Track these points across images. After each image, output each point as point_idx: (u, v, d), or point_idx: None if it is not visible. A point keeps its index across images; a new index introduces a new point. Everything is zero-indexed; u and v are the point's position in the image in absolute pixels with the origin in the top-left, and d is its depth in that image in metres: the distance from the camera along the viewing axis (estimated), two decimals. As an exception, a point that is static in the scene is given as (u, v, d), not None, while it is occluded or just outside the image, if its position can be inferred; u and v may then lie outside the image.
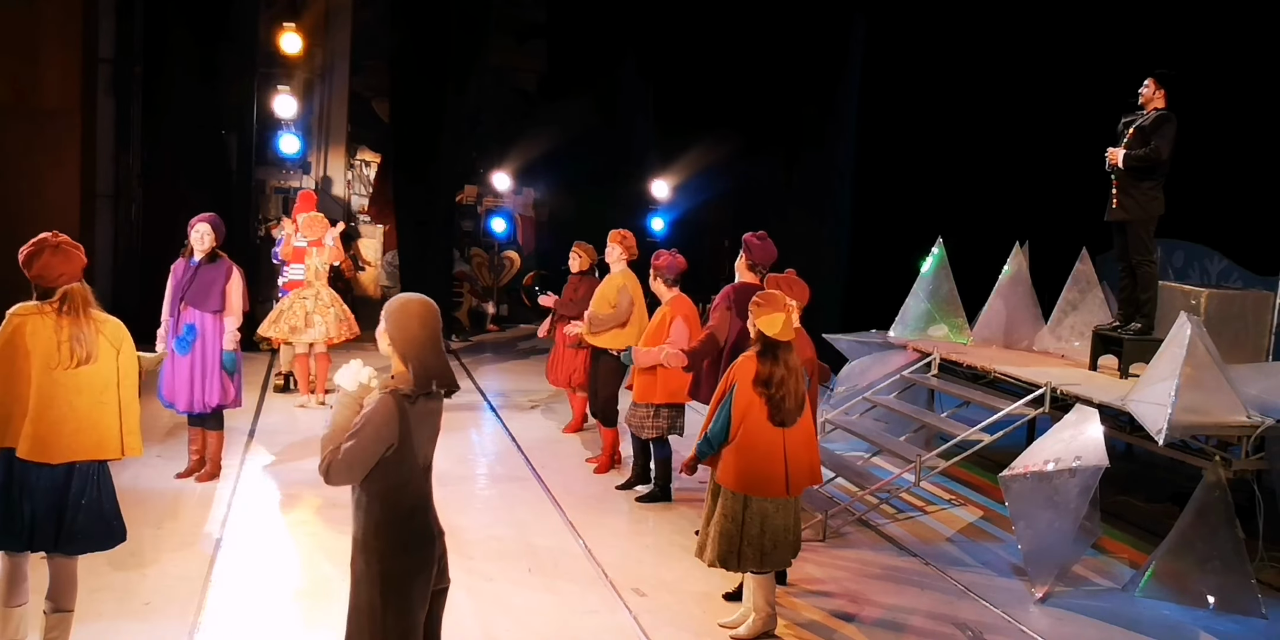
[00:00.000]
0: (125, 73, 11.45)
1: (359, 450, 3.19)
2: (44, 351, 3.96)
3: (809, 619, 5.30)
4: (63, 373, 3.98)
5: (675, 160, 14.02)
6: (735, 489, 4.84)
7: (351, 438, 3.19)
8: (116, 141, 11.48)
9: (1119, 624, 5.46)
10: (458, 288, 14.19)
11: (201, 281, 6.51)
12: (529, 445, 8.33)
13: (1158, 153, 6.58)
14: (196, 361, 6.51)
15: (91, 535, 4.11)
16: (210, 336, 6.54)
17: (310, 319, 8.86)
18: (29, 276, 4.06)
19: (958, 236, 8.59)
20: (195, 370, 6.51)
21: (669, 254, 6.98)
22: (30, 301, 4.05)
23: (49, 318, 3.99)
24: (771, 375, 4.77)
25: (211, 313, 6.53)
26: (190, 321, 6.50)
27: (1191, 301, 6.88)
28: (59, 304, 4.02)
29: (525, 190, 16.18)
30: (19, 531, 3.98)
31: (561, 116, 14.65)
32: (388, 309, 3.32)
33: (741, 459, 4.82)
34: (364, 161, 16.38)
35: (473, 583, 5.44)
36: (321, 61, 14.59)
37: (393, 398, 3.24)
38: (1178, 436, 5.80)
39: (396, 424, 3.22)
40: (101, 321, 4.13)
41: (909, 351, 8.20)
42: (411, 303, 3.35)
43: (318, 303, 8.93)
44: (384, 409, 3.22)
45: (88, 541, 4.12)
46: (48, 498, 3.99)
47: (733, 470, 4.84)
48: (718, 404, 4.91)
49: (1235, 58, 8.21)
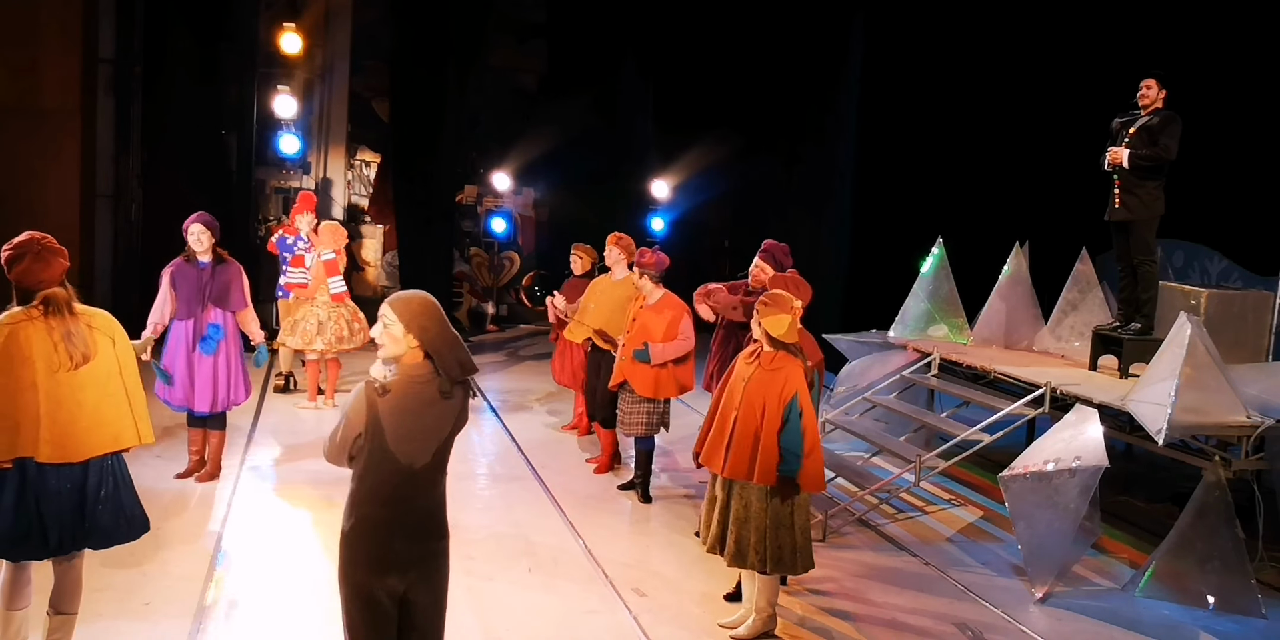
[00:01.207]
0: (125, 73, 11.44)
1: (336, 433, 3.31)
2: (44, 355, 3.93)
3: (809, 619, 5.30)
4: (65, 374, 3.97)
5: (675, 160, 14.02)
6: (818, 491, 4.87)
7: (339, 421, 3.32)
8: (116, 141, 11.48)
9: (1119, 624, 5.46)
10: (458, 288, 14.18)
11: (220, 281, 6.57)
12: (529, 445, 8.33)
13: (1167, 152, 6.58)
14: (221, 362, 6.57)
15: (115, 528, 4.12)
16: (231, 335, 6.62)
17: (323, 327, 8.88)
18: (9, 278, 4.02)
19: (958, 236, 8.59)
20: (220, 370, 6.58)
21: (653, 251, 6.99)
22: (15, 308, 4.01)
23: (38, 322, 3.95)
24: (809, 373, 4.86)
25: (232, 312, 6.62)
26: (215, 322, 6.56)
27: (1191, 301, 6.88)
28: (43, 307, 3.98)
29: (525, 190, 16.18)
30: (39, 540, 3.97)
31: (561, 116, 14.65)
32: (408, 309, 3.29)
33: (818, 461, 4.83)
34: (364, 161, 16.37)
35: (473, 583, 5.45)
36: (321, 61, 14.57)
37: (366, 387, 3.27)
38: (1178, 436, 5.81)
39: (364, 414, 3.25)
40: (90, 315, 4.10)
41: (909, 351, 8.20)
42: (429, 300, 3.36)
43: (334, 312, 8.93)
44: (356, 397, 3.28)
45: (111, 535, 4.12)
46: (71, 498, 3.99)
47: (814, 476, 4.80)
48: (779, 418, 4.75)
49: (1235, 58, 8.21)
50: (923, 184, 10.71)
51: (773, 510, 4.81)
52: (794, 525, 4.84)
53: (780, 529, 4.81)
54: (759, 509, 4.82)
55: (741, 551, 4.84)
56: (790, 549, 4.83)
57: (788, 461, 4.73)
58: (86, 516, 4.03)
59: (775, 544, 4.81)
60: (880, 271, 10.32)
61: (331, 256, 8.95)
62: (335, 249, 8.96)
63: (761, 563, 4.82)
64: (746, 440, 4.80)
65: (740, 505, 4.86)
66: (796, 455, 4.73)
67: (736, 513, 4.86)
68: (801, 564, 4.89)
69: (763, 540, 4.81)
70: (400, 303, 3.31)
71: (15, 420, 3.88)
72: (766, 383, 4.80)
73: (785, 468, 4.74)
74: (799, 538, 4.86)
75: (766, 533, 4.81)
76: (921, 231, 8.85)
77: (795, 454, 4.73)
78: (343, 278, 8.99)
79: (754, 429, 4.79)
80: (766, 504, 4.81)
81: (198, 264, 6.58)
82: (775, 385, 4.77)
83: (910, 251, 8.98)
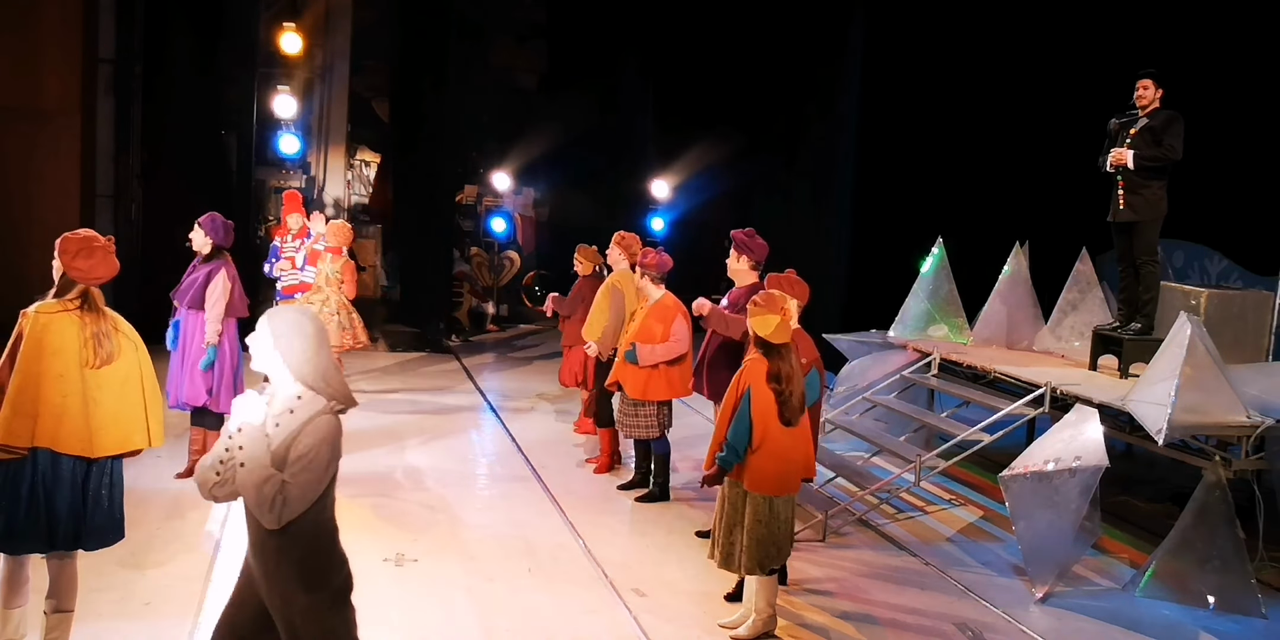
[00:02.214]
0: (125, 73, 11.45)
1: (315, 478, 3.04)
2: (74, 349, 3.98)
3: (809, 619, 5.30)
4: (89, 370, 4.00)
5: (675, 160, 14.03)
6: (768, 493, 4.83)
7: (301, 467, 3.02)
8: (116, 141, 11.48)
9: (1119, 624, 5.46)
10: (458, 288, 14.19)
11: (189, 279, 6.60)
12: (529, 445, 8.33)
13: (1173, 152, 6.57)
14: (177, 360, 6.57)
15: (107, 531, 4.14)
16: (190, 334, 6.57)
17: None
18: (65, 268, 4.05)
19: (958, 236, 8.60)
20: (175, 368, 6.58)
21: (655, 252, 6.99)
22: (50, 300, 4.06)
23: (73, 315, 4.02)
24: (779, 371, 4.78)
25: (193, 310, 6.55)
26: (177, 318, 6.61)
27: (1191, 301, 6.88)
28: (80, 302, 4.05)
29: (525, 190, 16.19)
30: (46, 534, 3.99)
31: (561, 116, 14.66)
32: (292, 330, 3.10)
33: (768, 462, 4.81)
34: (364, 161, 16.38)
35: (473, 583, 5.45)
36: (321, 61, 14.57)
37: (336, 417, 3.12)
38: (1178, 436, 5.80)
39: (340, 443, 3.14)
40: (116, 319, 4.17)
41: (909, 351, 8.19)
42: (312, 322, 3.17)
43: (325, 311, 8.92)
44: (333, 429, 3.09)
45: (104, 537, 4.14)
46: (72, 495, 4.01)
47: (760, 474, 4.81)
48: (731, 412, 4.85)
49: (1235, 58, 8.22)
50: (923, 184, 10.71)
51: (752, 505, 4.84)
52: (769, 520, 4.82)
53: (758, 525, 4.83)
54: (747, 511, 4.86)
55: (731, 554, 4.91)
56: (771, 541, 4.84)
57: (726, 453, 4.81)
58: (85, 517, 4.05)
59: (755, 539, 4.83)
60: (880, 271, 10.32)
61: (319, 248, 8.97)
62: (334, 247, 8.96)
63: (751, 564, 4.85)
64: (719, 438, 4.93)
65: (732, 508, 4.91)
66: (733, 448, 4.79)
67: (729, 516, 4.92)
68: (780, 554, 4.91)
69: (752, 542, 4.83)
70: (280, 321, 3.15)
71: (35, 409, 3.92)
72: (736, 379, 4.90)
73: (721, 459, 4.82)
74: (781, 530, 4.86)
75: (751, 534, 4.84)
76: (921, 231, 8.86)
77: (732, 446, 4.79)
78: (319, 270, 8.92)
79: (724, 426, 4.91)
80: (750, 504, 4.85)
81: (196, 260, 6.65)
82: (738, 380, 4.87)
83: (910, 251, 8.98)
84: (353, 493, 6.69)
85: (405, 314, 13.85)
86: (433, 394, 10.17)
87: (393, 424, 8.78)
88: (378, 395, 9.86)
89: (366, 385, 10.21)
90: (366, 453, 7.77)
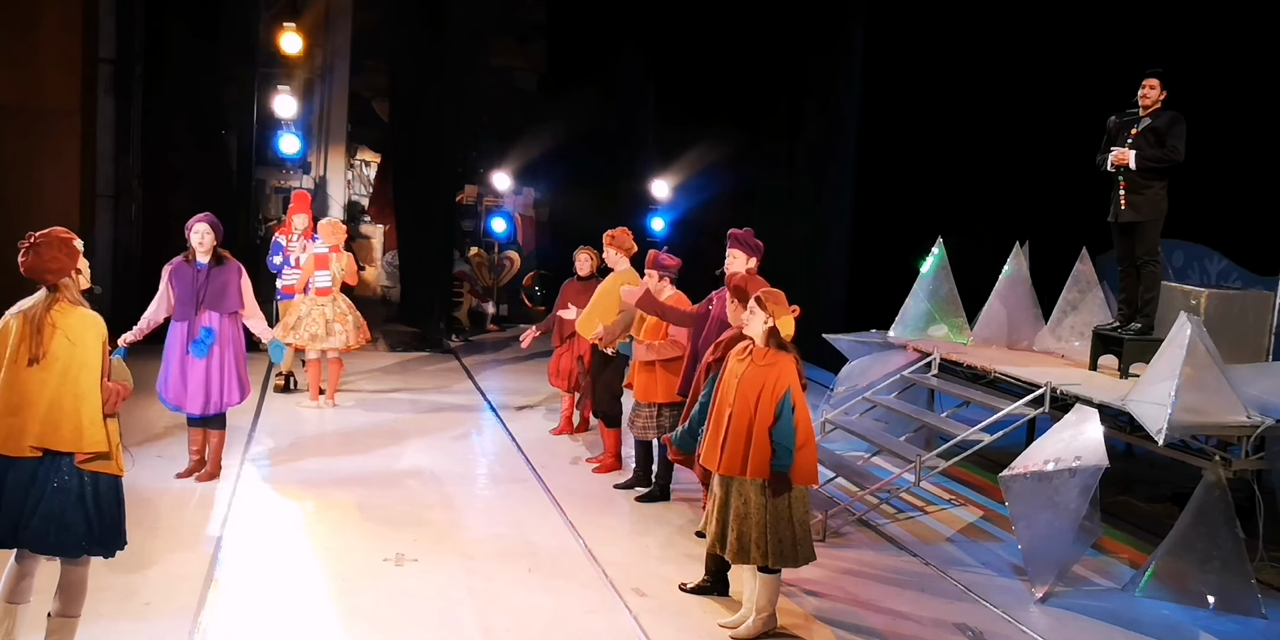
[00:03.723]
0: (125, 73, 11.45)
1: None
2: (12, 347, 4.03)
3: (809, 619, 5.30)
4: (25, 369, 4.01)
5: (675, 160, 14.02)
6: (811, 484, 4.97)
7: None
8: (116, 141, 11.48)
9: (1119, 624, 5.46)
10: (458, 288, 14.19)
11: (217, 283, 6.55)
12: (529, 445, 8.33)
13: (1176, 154, 6.57)
14: (214, 364, 6.54)
15: (44, 534, 4.05)
16: (229, 337, 6.59)
17: (331, 327, 8.86)
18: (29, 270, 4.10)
19: (958, 236, 8.59)
20: (213, 372, 6.56)
21: (663, 252, 6.99)
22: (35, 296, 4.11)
23: (16, 317, 4.06)
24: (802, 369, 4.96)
25: (229, 314, 6.58)
26: (208, 324, 6.54)
27: (1191, 301, 6.88)
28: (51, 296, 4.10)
29: (525, 190, 16.17)
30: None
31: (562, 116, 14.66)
32: None
33: (811, 455, 4.94)
34: (364, 161, 16.39)
35: (473, 583, 5.45)
36: (321, 61, 14.58)
37: None
38: (1178, 436, 5.80)
39: None
40: (62, 315, 4.08)
41: (909, 351, 8.19)
42: None
43: (336, 310, 8.92)
44: None
45: (40, 540, 4.06)
46: (14, 493, 4.01)
47: (806, 468, 4.91)
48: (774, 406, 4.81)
49: (1235, 58, 8.21)
50: (923, 184, 10.71)
51: (771, 504, 4.84)
52: (792, 518, 4.88)
53: (780, 523, 4.85)
54: (758, 504, 4.86)
55: (744, 547, 4.87)
56: (791, 541, 4.87)
57: (780, 456, 4.80)
58: (25, 515, 4.01)
59: (775, 538, 4.84)
60: (880, 271, 10.32)
61: (324, 251, 8.95)
62: (333, 245, 8.95)
63: (764, 557, 4.86)
64: (740, 436, 4.86)
65: (740, 501, 4.89)
66: (788, 449, 4.80)
67: (736, 509, 4.89)
68: (803, 556, 4.93)
69: (763, 535, 4.84)
70: None
71: None
72: (759, 378, 4.86)
73: (778, 462, 4.81)
74: (798, 530, 4.90)
75: (767, 527, 4.84)
76: (921, 231, 8.85)
77: (787, 448, 4.80)
78: (331, 273, 8.93)
79: (747, 425, 4.85)
80: (765, 499, 4.85)
81: (195, 265, 6.58)
82: (768, 381, 4.84)
83: (910, 251, 8.98)
84: (353, 493, 6.69)
85: (405, 314, 13.85)
86: (433, 394, 10.17)
87: (393, 424, 8.78)
88: (378, 395, 9.86)
89: (366, 385, 10.21)
90: (366, 453, 7.78)
